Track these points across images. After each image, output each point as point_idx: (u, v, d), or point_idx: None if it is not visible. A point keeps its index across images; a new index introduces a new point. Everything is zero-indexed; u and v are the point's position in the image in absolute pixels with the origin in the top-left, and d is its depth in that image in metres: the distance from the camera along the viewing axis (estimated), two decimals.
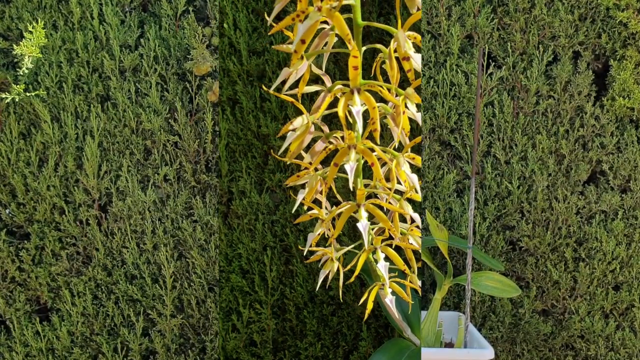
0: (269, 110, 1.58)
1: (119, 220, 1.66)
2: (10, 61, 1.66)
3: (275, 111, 1.58)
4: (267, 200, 1.61)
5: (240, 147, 1.61)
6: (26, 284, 1.69)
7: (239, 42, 1.58)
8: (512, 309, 1.67)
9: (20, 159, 1.65)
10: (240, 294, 1.63)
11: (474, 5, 1.63)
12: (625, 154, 1.64)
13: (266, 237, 1.61)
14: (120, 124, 1.64)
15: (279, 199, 1.63)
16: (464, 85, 1.63)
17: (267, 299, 1.62)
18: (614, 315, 1.68)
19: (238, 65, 1.58)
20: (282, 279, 1.62)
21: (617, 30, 1.62)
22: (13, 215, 1.68)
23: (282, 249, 1.62)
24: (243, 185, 1.61)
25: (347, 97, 0.89)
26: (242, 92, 1.59)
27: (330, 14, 0.81)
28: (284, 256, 1.62)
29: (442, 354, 1.37)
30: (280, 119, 1.59)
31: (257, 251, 1.61)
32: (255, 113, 1.59)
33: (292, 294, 1.61)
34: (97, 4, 1.63)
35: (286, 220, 1.61)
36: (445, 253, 1.44)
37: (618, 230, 1.63)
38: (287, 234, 1.60)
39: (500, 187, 1.66)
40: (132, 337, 1.67)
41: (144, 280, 1.66)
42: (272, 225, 1.62)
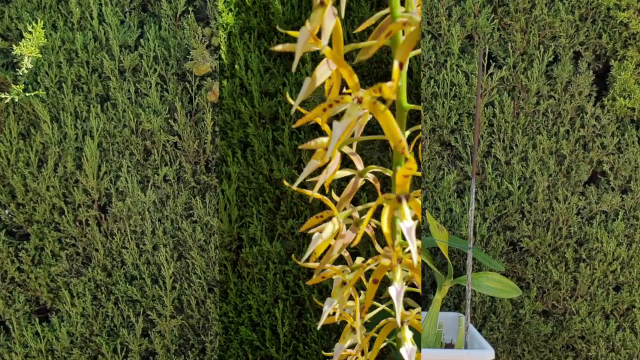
0: (282, 153, 1.54)
1: (119, 220, 1.66)
2: (10, 61, 1.66)
3: (288, 155, 1.53)
4: (278, 249, 1.54)
5: (251, 192, 1.56)
6: (26, 285, 1.69)
7: (251, 84, 1.54)
8: (512, 310, 1.67)
9: (20, 160, 1.65)
10: (250, 348, 1.55)
11: (474, 5, 1.62)
12: (626, 155, 1.63)
13: (277, 288, 1.54)
14: (119, 125, 1.64)
15: (291, 247, 1.56)
16: (464, 85, 1.63)
17: (279, 355, 1.55)
18: (615, 316, 1.68)
19: (249, 107, 1.54)
20: (295, 334, 1.55)
21: (617, 30, 1.62)
22: (12, 215, 1.67)
23: (294, 301, 1.57)
24: (253, 231, 1.55)
25: (392, 206, 0.73)
26: (253, 134, 1.54)
27: (375, 108, 0.67)
28: (296, 309, 1.55)
29: (443, 355, 1.37)
30: (293, 162, 1.54)
31: (267, 303, 1.54)
32: (267, 156, 1.54)
33: (306, 351, 1.54)
34: (97, 4, 1.63)
35: (299, 271, 1.54)
36: (446, 254, 1.44)
37: (619, 230, 1.63)
38: (300, 286, 1.54)
39: (500, 187, 1.65)
40: (132, 338, 1.67)
41: (143, 281, 1.66)
42: (284, 275, 1.55)
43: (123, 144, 1.65)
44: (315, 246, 0.78)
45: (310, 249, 0.78)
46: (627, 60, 1.61)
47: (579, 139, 1.65)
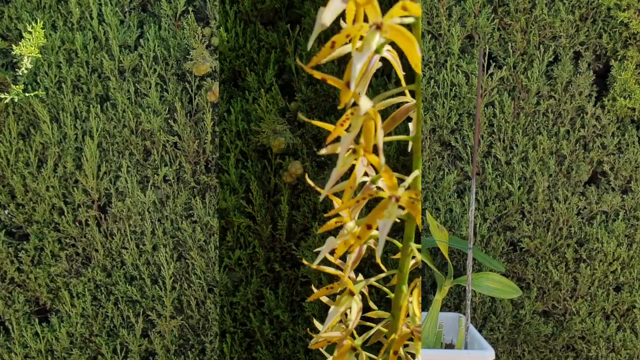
0: (228, 181, 1.53)
1: (119, 221, 1.66)
2: (10, 61, 1.66)
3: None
4: (225, 280, 1.55)
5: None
6: (25, 285, 1.69)
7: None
8: (512, 310, 1.67)
9: (20, 160, 1.65)
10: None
11: (474, 5, 1.62)
12: (626, 155, 1.63)
13: (225, 321, 1.55)
14: (119, 125, 1.64)
15: (238, 279, 1.56)
16: (464, 85, 1.63)
17: None
18: (615, 317, 1.67)
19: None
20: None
21: (618, 30, 1.62)
22: (12, 216, 1.67)
23: (243, 333, 1.57)
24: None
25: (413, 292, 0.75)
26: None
27: (414, 207, 0.64)
28: (245, 342, 1.55)
29: (443, 355, 1.37)
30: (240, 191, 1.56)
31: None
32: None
33: None
34: (97, 4, 1.63)
35: (247, 302, 1.55)
36: (446, 254, 1.44)
37: (619, 231, 1.63)
38: (250, 318, 1.54)
39: (500, 187, 1.65)
40: (132, 338, 1.66)
41: (143, 281, 1.66)
42: (232, 307, 1.56)
43: (123, 144, 1.65)
44: (331, 320, 0.74)
45: (327, 325, 0.74)
46: (628, 60, 1.61)
47: (579, 139, 1.65)
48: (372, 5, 0.56)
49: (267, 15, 1.53)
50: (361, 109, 0.60)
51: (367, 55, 0.57)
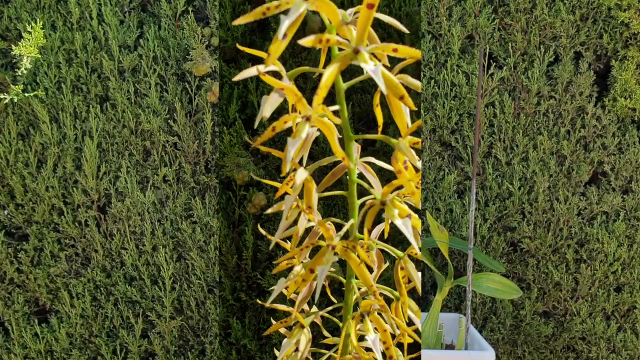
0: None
1: (118, 221, 1.65)
2: (9, 61, 1.66)
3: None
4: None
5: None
6: (25, 286, 1.69)
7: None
8: (513, 311, 1.66)
9: (19, 160, 1.65)
10: None
11: (474, 5, 1.62)
12: (626, 155, 1.63)
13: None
14: (119, 125, 1.64)
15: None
16: (464, 85, 1.63)
17: None
18: (616, 317, 1.67)
19: None
20: None
21: (618, 30, 1.62)
22: (11, 216, 1.67)
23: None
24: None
25: (356, 321, 0.82)
26: None
27: (347, 254, 0.76)
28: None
29: (443, 356, 1.37)
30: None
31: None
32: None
33: None
34: (96, 4, 1.62)
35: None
36: (446, 254, 1.44)
37: (620, 231, 1.63)
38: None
39: (501, 188, 1.65)
40: (131, 339, 1.66)
41: (143, 282, 1.66)
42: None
43: (122, 145, 1.64)
44: (285, 352, 0.84)
45: (281, 355, 0.85)
46: (628, 60, 1.61)
47: (579, 139, 1.65)
48: (302, 102, 0.70)
49: (230, 53, 1.55)
50: (296, 182, 0.73)
51: (299, 142, 0.70)
